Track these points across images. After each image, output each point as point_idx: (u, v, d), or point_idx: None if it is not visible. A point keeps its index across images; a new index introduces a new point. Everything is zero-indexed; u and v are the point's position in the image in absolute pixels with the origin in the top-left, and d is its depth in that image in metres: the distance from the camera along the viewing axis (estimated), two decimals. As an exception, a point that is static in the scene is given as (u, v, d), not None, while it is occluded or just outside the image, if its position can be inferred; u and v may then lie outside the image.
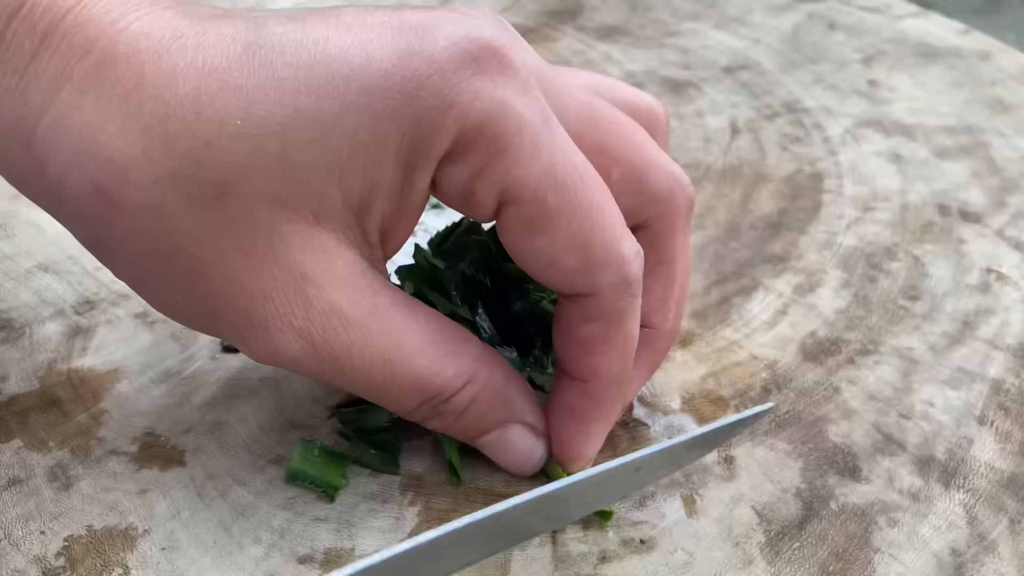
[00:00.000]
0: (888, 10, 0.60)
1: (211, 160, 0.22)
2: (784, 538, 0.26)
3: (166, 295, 0.25)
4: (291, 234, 0.23)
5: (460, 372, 0.25)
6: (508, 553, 0.26)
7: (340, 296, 0.23)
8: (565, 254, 0.24)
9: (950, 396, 0.31)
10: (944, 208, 0.41)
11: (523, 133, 0.22)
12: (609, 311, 0.25)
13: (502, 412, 0.26)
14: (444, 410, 0.25)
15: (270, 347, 0.23)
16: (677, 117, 0.48)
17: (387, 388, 0.24)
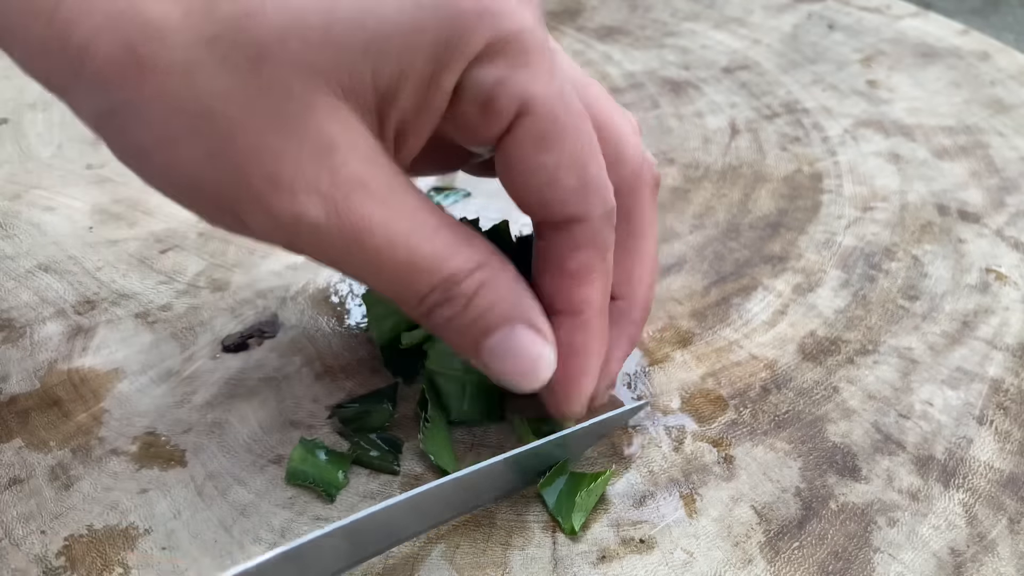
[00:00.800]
0: (887, 10, 0.60)
1: (253, 25, 0.22)
2: (784, 538, 0.27)
3: (184, 158, 0.24)
4: (321, 104, 0.23)
5: (471, 257, 0.25)
6: (508, 552, 0.26)
7: (364, 168, 0.24)
8: (567, 173, 0.25)
9: (949, 396, 0.31)
10: (943, 208, 0.41)
11: (544, 55, 0.24)
12: (597, 238, 0.26)
13: (510, 306, 0.26)
14: (455, 294, 0.25)
15: (294, 209, 0.24)
16: (677, 117, 0.48)
17: (404, 267, 0.25)
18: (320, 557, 0.23)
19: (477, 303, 0.26)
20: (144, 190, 0.41)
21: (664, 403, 0.31)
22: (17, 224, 0.38)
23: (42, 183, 0.41)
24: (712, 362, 0.33)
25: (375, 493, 0.28)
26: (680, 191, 0.42)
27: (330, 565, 0.24)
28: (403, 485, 0.28)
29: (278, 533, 0.26)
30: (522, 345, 0.26)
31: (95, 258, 0.37)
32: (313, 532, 0.23)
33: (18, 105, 0.48)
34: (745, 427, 0.30)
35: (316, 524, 0.27)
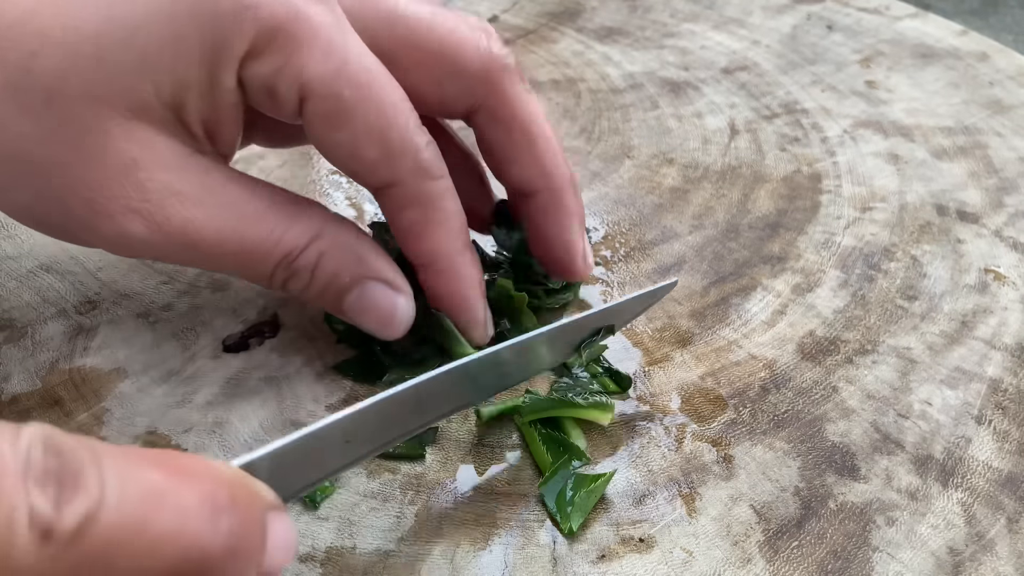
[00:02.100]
0: (886, 11, 0.60)
1: (38, 67, 0.24)
2: (783, 537, 0.27)
3: (19, 200, 0.27)
4: (113, 127, 0.25)
5: (304, 230, 0.27)
6: (507, 551, 0.26)
7: (169, 175, 0.25)
8: (365, 146, 0.26)
9: (948, 395, 0.31)
10: (942, 208, 0.41)
11: (317, 35, 0.25)
12: (416, 196, 0.28)
13: (356, 267, 0.28)
14: (297, 268, 0.27)
15: (118, 231, 0.25)
16: (676, 118, 0.48)
17: (239, 256, 0.26)
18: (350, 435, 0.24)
19: (321, 273, 0.28)
20: (145, 190, 0.41)
21: (663, 403, 0.31)
22: (18, 224, 0.39)
23: (43, 183, 0.41)
24: (711, 362, 0.33)
25: (375, 492, 0.28)
26: (679, 191, 0.42)
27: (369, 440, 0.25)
28: (403, 484, 0.28)
29: (279, 532, 0.26)
30: (376, 299, 0.28)
31: (96, 258, 0.37)
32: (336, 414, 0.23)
33: (19, 106, 0.48)
34: (744, 427, 0.30)
35: (317, 524, 0.27)
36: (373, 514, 0.27)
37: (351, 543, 0.26)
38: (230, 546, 0.18)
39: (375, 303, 0.28)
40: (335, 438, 0.23)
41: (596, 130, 0.47)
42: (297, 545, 0.20)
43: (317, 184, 0.42)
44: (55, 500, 0.15)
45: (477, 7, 0.59)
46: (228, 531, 0.18)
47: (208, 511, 0.17)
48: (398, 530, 0.27)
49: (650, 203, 0.41)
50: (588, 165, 0.44)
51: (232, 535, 0.18)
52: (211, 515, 0.17)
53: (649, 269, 0.37)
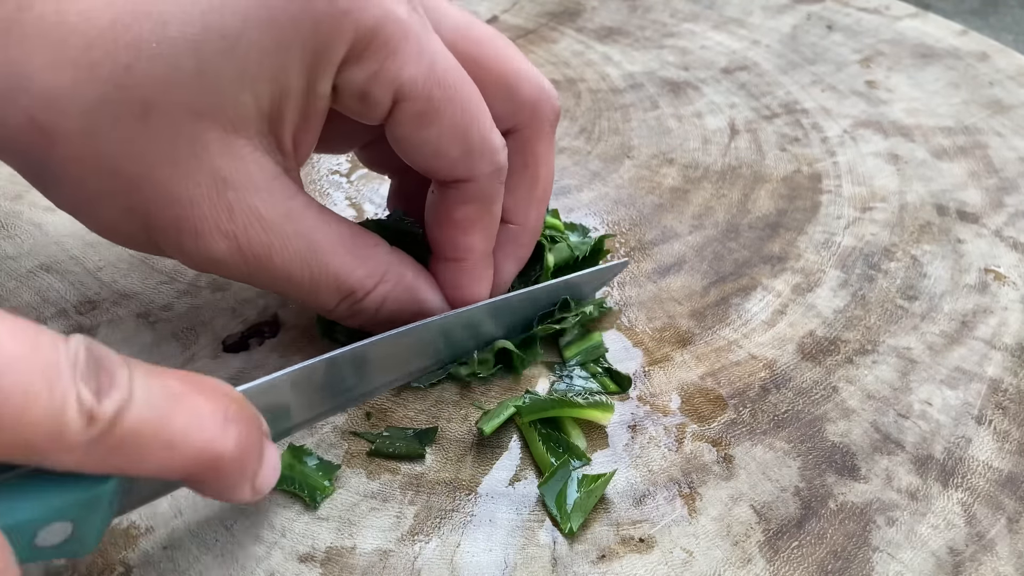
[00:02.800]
0: (886, 11, 0.60)
1: (133, 82, 0.24)
2: (783, 537, 0.27)
3: (106, 215, 0.27)
4: (211, 143, 0.25)
5: (372, 273, 0.28)
6: (507, 551, 0.26)
7: (257, 200, 0.26)
8: (449, 144, 0.27)
9: (948, 395, 0.31)
10: (942, 208, 0.41)
11: (408, 38, 0.25)
12: (483, 194, 0.28)
13: (414, 306, 0.29)
14: (361, 308, 0.28)
15: (201, 249, 0.26)
16: (676, 118, 0.48)
17: (307, 286, 0.27)
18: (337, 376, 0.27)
19: (384, 312, 0.29)
20: (145, 190, 0.41)
21: (664, 403, 0.31)
22: (19, 224, 0.39)
23: (43, 183, 0.41)
24: (711, 362, 0.33)
25: (375, 492, 0.28)
26: (679, 191, 0.42)
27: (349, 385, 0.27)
28: (403, 484, 0.28)
29: (279, 532, 0.26)
30: None
31: (96, 258, 0.37)
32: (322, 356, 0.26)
33: (19, 106, 0.48)
34: (744, 426, 0.30)
35: (317, 523, 0.27)
36: (373, 514, 0.27)
37: (351, 543, 0.26)
38: (236, 453, 0.21)
39: None
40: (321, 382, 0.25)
41: (596, 130, 0.47)
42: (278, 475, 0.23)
43: (317, 184, 0.42)
44: (96, 392, 0.18)
45: (477, 7, 0.59)
46: (236, 437, 0.21)
47: (220, 418, 0.21)
48: (398, 530, 0.27)
49: (650, 203, 0.41)
50: (588, 165, 0.44)
51: (239, 443, 0.21)
52: (222, 422, 0.21)
53: (649, 269, 0.37)
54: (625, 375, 0.31)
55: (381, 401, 0.31)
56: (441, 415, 0.30)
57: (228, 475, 0.21)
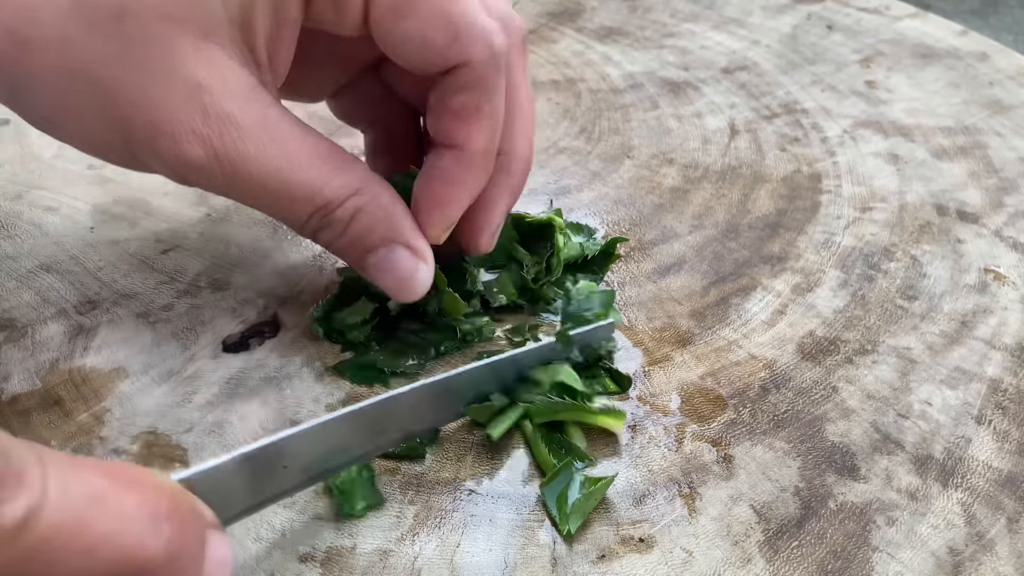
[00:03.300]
0: (886, 11, 0.60)
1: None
2: (783, 537, 0.27)
3: (83, 125, 0.27)
4: (184, 46, 0.25)
5: (346, 184, 0.28)
6: (507, 551, 0.26)
7: (232, 105, 0.26)
8: (432, 31, 0.27)
9: (948, 395, 0.31)
10: (942, 208, 0.41)
11: None
12: (480, 80, 0.28)
13: (387, 229, 0.29)
14: (332, 220, 0.28)
15: (178, 154, 0.26)
16: (676, 118, 0.48)
17: (281, 197, 0.27)
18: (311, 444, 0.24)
19: (355, 227, 0.28)
20: (145, 190, 0.41)
21: (663, 403, 0.31)
22: (19, 224, 0.39)
23: (44, 183, 0.41)
24: (711, 362, 0.33)
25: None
26: (679, 191, 0.42)
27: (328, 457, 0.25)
28: (403, 484, 0.28)
29: (279, 532, 0.26)
30: (399, 263, 0.29)
31: (96, 258, 0.37)
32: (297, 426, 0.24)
33: (19, 106, 0.48)
34: (744, 426, 0.30)
35: (317, 523, 0.27)
36: (373, 514, 0.27)
37: (351, 542, 0.26)
38: (169, 553, 0.18)
39: (398, 266, 0.29)
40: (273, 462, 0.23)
41: (596, 130, 0.47)
42: (231, 567, 0.21)
43: (317, 184, 0.42)
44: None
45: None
46: (168, 539, 0.18)
47: (149, 518, 0.18)
48: (398, 530, 0.27)
49: (650, 203, 0.41)
50: (588, 165, 0.44)
51: (172, 543, 0.18)
52: (152, 522, 0.18)
53: (649, 269, 0.37)
54: (625, 375, 0.31)
55: (381, 401, 0.31)
56: (441, 415, 0.30)
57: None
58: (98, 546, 0.17)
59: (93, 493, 0.17)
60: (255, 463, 0.23)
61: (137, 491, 0.18)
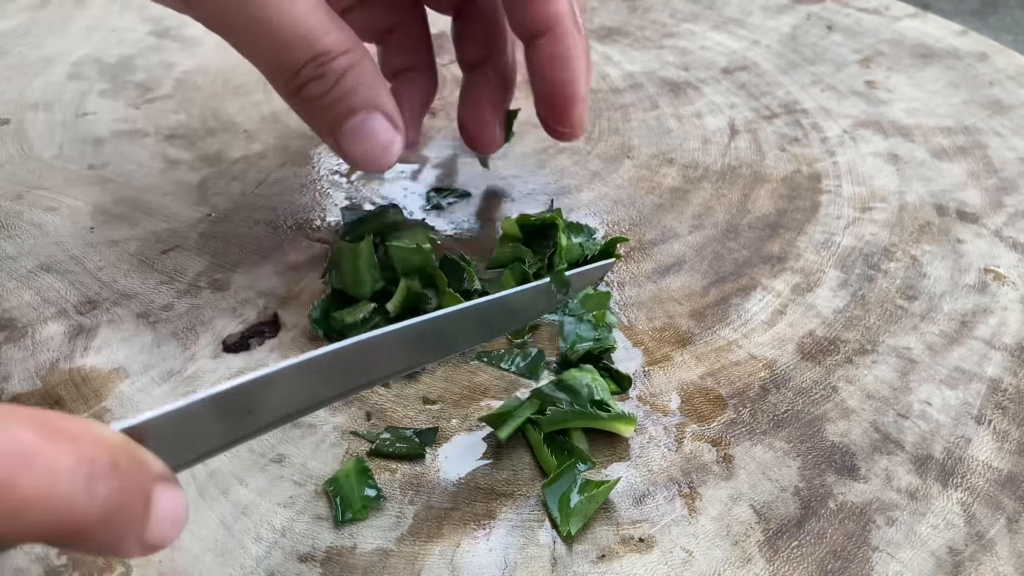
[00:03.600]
0: (886, 11, 0.60)
1: None
2: (783, 537, 0.27)
3: None
4: None
5: (342, 40, 0.28)
6: (507, 551, 0.26)
7: None
8: None
9: (948, 395, 0.31)
10: (942, 208, 0.41)
11: None
12: None
13: (371, 92, 0.29)
14: (325, 71, 0.28)
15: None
16: (676, 118, 0.48)
17: (285, 38, 0.27)
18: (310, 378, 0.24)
19: (344, 83, 0.29)
20: (145, 190, 0.41)
21: (663, 402, 0.31)
22: (19, 224, 0.39)
23: (44, 183, 0.41)
24: (711, 362, 0.33)
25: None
26: (679, 191, 0.42)
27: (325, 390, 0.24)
28: (403, 484, 0.28)
29: (279, 532, 0.26)
30: (377, 130, 0.29)
31: (96, 258, 0.37)
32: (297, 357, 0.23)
33: (19, 106, 0.48)
34: (744, 426, 0.30)
35: (317, 523, 0.27)
36: (373, 514, 0.27)
37: (351, 543, 0.26)
38: (105, 513, 0.17)
39: (375, 132, 0.29)
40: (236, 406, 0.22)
41: (596, 130, 0.47)
42: (186, 518, 0.20)
43: (317, 184, 0.42)
44: None
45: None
46: (105, 497, 0.17)
47: (83, 475, 0.17)
48: (398, 530, 0.27)
49: (650, 203, 0.41)
50: (588, 165, 0.44)
51: (108, 502, 0.17)
52: (86, 480, 0.17)
53: (649, 269, 0.37)
54: (625, 375, 0.31)
55: (381, 401, 0.31)
56: (441, 415, 0.30)
57: (97, 538, 0.18)
58: (24, 509, 0.16)
59: (19, 450, 0.16)
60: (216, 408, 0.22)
61: (71, 446, 0.17)
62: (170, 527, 0.19)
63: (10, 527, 0.16)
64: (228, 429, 0.22)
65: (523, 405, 0.29)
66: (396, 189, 0.41)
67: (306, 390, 0.24)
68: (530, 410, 0.29)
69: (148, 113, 0.47)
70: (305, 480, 0.28)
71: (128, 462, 0.18)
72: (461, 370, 0.32)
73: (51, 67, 0.51)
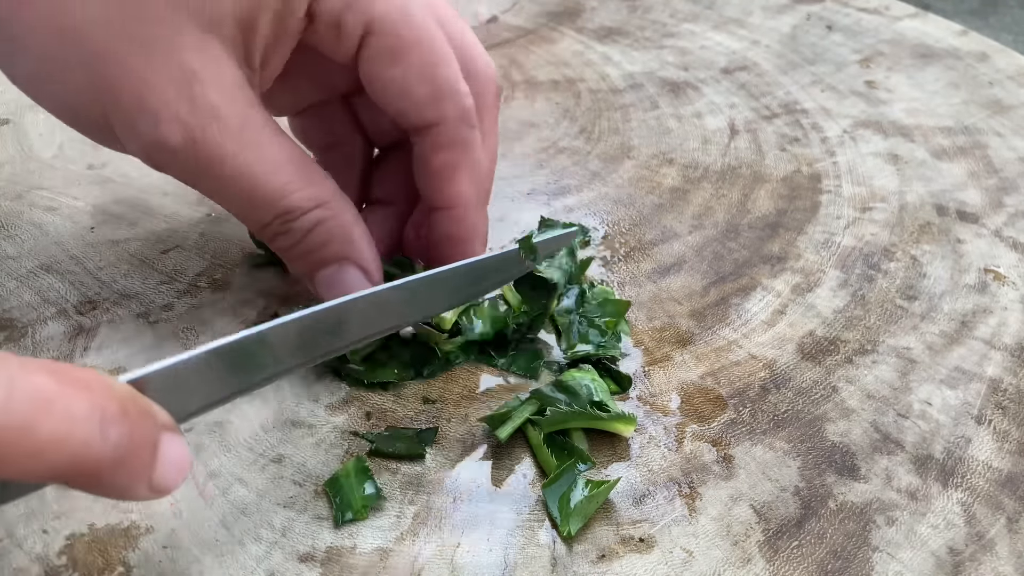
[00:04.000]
0: (886, 11, 0.60)
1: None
2: (783, 537, 0.27)
3: (66, 89, 0.27)
4: (188, 35, 0.26)
5: (313, 196, 0.28)
6: (507, 551, 0.26)
7: (220, 99, 0.26)
8: (417, 83, 0.29)
9: (948, 395, 0.31)
10: (942, 208, 0.41)
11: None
12: (456, 138, 0.30)
13: (343, 246, 0.29)
14: (292, 228, 0.29)
15: (158, 136, 0.26)
16: (676, 118, 0.48)
17: (247, 197, 0.28)
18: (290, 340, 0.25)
19: (312, 239, 0.29)
20: (145, 190, 0.41)
21: (663, 402, 0.31)
22: (19, 224, 0.39)
23: (44, 183, 0.41)
24: (711, 362, 0.33)
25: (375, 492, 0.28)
26: (679, 191, 0.42)
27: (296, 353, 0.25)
28: (403, 484, 0.28)
29: (279, 532, 0.26)
30: (349, 282, 0.30)
31: (96, 258, 0.37)
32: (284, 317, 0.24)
33: (19, 106, 0.48)
34: (744, 426, 0.30)
35: (317, 523, 0.27)
36: (373, 514, 0.27)
37: (351, 543, 0.26)
38: (117, 457, 0.19)
39: (347, 285, 0.30)
40: (238, 357, 0.23)
41: (596, 130, 0.47)
42: (190, 468, 0.21)
43: (317, 184, 0.42)
44: None
45: (477, 7, 0.59)
46: (116, 441, 0.18)
47: (97, 420, 0.18)
48: (398, 530, 0.27)
49: (650, 203, 0.41)
50: (588, 165, 0.44)
51: (120, 446, 0.19)
52: (100, 425, 0.18)
53: (649, 269, 0.37)
54: (625, 375, 0.31)
55: (381, 401, 0.31)
56: (441, 415, 0.30)
57: (110, 480, 0.19)
58: (44, 449, 0.17)
59: (40, 395, 0.17)
60: (216, 361, 0.23)
61: (85, 393, 0.18)
62: (176, 472, 0.20)
63: (31, 467, 0.17)
64: (226, 383, 0.24)
65: (522, 406, 0.29)
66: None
67: (299, 346, 0.25)
68: (529, 411, 0.29)
69: (148, 113, 0.47)
70: (305, 480, 0.28)
71: (136, 410, 0.19)
72: (461, 370, 0.32)
73: (51, 67, 0.51)
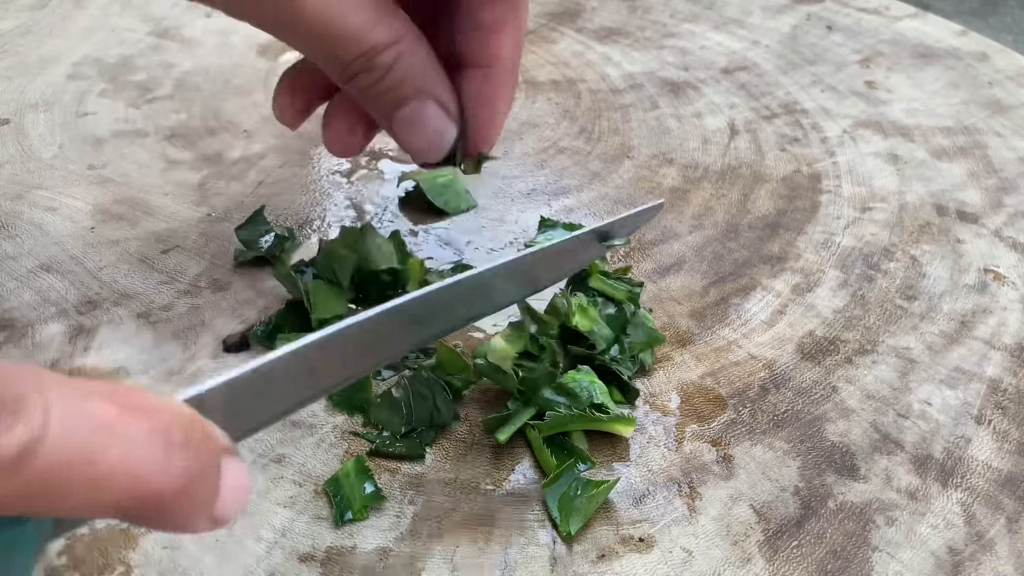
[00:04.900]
0: (886, 11, 0.60)
1: None
2: (782, 536, 0.27)
3: None
4: None
5: (391, 31, 0.28)
6: (508, 551, 0.26)
7: None
8: None
9: (947, 395, 0.31)
10: (942, 208, 0.41)
11: None
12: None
13: (422, 81, 0.29)
14: (374, 65, 0.28)
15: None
16: (676, 118, 0.48)
17: (331, 37, 0.28)
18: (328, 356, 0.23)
19: (393, 75, 0.29)
20: (145, 190, 0.41)
21: (663, 402, 0.31)
22: (19, 224, 0.39)
23: (44, 183, 0.41)
24: (711, 362, 0.33)
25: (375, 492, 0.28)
26: (679, 191, 0.42)
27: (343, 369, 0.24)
28: (403, 484, 0.28)
29: (279, 532, 0.26)
30: (429, 118, 0.30)
31: (97, 258, 0.37)
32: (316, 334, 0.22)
33: (20, 106, 0.48)
34: (744, 426, 0.30)
35: (317, 523, 0.27)
36: (373, 514, 0.27)
37: (351, 542, 0.26)
38: (182, 486, 0.17)
39: (427, 121, 0.30)
40: (296, 370, 0.22)
41: (596, 130, 0.47)
42: (250, 496, 0.19)
43: (317, 184, 0.42)
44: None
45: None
46: (181, 470, 0.17)
47: (161, 448, 0.17)
48: (398, 530, 0.27)
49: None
50: (588, 165, 0.44)
51: (185, 475, 0.17)
52: (164, 452, 0.17)
53: (649, 269, 0.37)
54: (634, 388, 0.31)
55: (381, 401, 0.31)
56: (441, 415, 0.30)
57: (171, 513, 0.18)
58: (107, 477, 0.16)
59: (100, 421, 0.16)
60: (270, 377, 0.21)
61: (147, 418, 0.17)
62: (237, 501, 0.19)
63: (91, 501, 0.16)
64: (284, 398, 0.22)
65: (522, 409, 0.29)
66: (393, 189, 0.41)
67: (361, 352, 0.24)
68: (529, 414, 0.29)
69: (148, 113, 0.47)
70: (305, 480, 0.28)
71: (200, 435, 0.18)
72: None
73: (51, 67, 0.51)
